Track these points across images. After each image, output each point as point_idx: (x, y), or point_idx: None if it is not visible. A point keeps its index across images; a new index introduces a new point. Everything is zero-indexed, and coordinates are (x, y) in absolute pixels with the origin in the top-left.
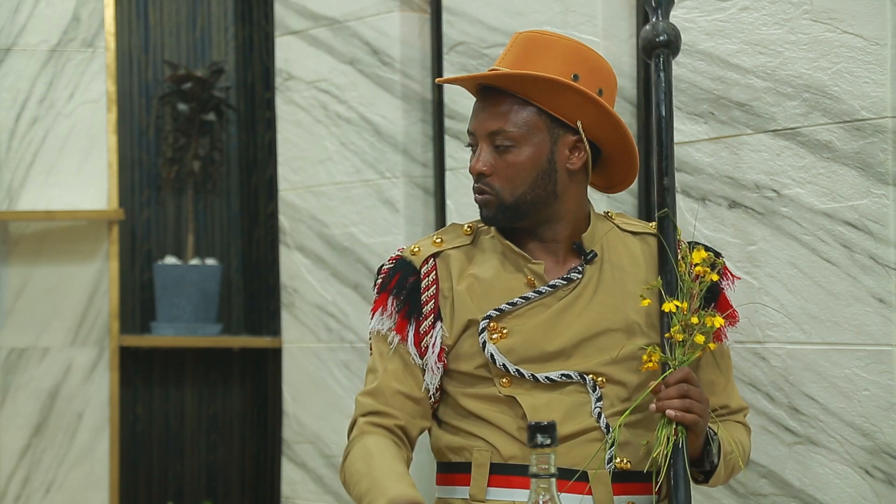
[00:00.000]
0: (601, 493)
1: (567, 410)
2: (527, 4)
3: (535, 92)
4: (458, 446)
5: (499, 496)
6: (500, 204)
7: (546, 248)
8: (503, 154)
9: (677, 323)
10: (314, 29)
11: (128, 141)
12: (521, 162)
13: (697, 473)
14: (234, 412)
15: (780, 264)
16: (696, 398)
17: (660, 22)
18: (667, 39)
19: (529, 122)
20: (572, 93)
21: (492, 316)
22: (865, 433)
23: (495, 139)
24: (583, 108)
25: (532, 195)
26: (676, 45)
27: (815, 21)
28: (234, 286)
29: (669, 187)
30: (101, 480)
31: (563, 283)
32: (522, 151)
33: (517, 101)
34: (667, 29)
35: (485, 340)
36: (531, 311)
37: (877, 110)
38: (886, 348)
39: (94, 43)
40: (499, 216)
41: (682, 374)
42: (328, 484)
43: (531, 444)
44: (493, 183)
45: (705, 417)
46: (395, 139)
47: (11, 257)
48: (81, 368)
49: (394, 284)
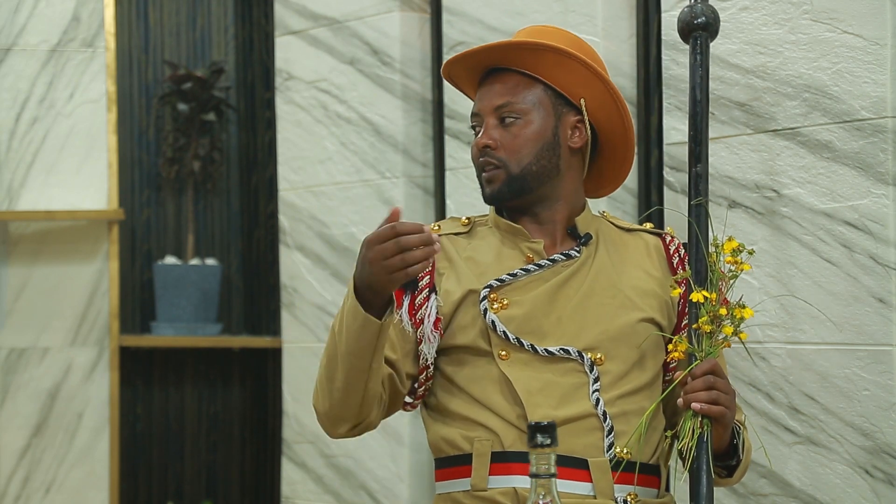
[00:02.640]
0: (602, 483)
1: (564, 393)
2: (527, 4)
3: (543, 65)
4: (456, 437)
5: (499, 484)
6: (507, 176)
7: (543, 230)
8: (509, 127)
9: (706, 314)
10: (314, 29)
11: (128, 141)
12: (527, 133)
13: (721, 469)
14: (234, 412)
15: (780, 264)
16: (723, 389)
17: (698, 3)
18: (705, 21)
19: (535, 97)
20: (580, 66)
21: (492, 286)
22: (865, 433)
23: (501, 112)
24: (588, 85)
25: (537, 166)
26: (715, 28)
27: (815, 21)
28: (234, 286)
29: (703, 174)
30: (101, 480)
31: (563, 259)
32: (529, 124)
33: (524, 78)
34: (705, 11)
35: (486, 308)
36: (531, 284)
37: (877, 110)
38: (886, 348)
39: (94, 43)
40: (504, 190)
41: (709, 366)
42: (328, 484)
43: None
44: (500, 154)
45: (732, 409)
46: (395, 139)
47: (11, 257)
48: (81, 368)
49: None
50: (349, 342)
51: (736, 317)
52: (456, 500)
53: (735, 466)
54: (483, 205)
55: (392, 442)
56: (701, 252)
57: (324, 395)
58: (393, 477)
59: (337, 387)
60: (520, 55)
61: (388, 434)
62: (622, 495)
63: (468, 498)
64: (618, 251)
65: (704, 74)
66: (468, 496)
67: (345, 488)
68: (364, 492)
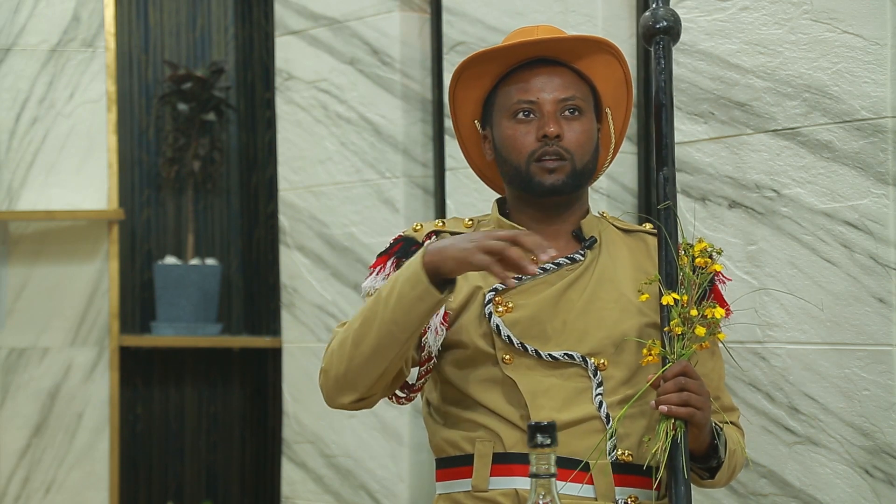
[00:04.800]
0: (603, 485)
1: (567, 397)
2: (527, 4)
3: (595, 65)
4: (458, 439)
5: (500, 485)
6: (572, 169)
7: (549, 231)
8: (572, 122)
9: (676, 316)
10: (314, 29)
11: (128, 141)
12: (588, 129)
13: (702, 471)
14: (234, 412)
15: (780, 264)
16: (695, 391)
17: (659, 8)
18: (667, 25)
19: (588, 96)
20: (621, 71)
21: (497, 289)
22: (865, 433)
23: (566, 104)
24: (619, 92)
25: (592, 165)
26: (677, 31)
27: (815, 21)
28: (234, 286)
29: (670, 178)
30: (101, 480)
31: (568, 263)
32: (585, 121)
33: (576, 76)
34: (666, 15)
35: (490, 311)
36: (536, 288)
37: (877, 110)
38: (886, 348)
39: (94, 43)
40: (569, 182)
41: (679, 368)
42: (328, 484)
43: (531, 444)
44: (569, 146)
45: (706, 410)
46: (395, 139)
47: (11, 257)
48: (81, 368)
49: (396, 250)
50: (397, 309)
51: (707, 317)
52: (456, 500)
53: (717, 468)
54: (483, 204)
55: (392, 442)
56: (671, 255)
57: (341, 358)
58: (393, 477)
59: (362, 351)
60: (576, 50)
61: (388, 434)
62: (623, 497)
63: (469, 499)
64: (620, 254)
65: (668, 78)
66: (469, 497)
67: (345, 488)
68: (364, 492)
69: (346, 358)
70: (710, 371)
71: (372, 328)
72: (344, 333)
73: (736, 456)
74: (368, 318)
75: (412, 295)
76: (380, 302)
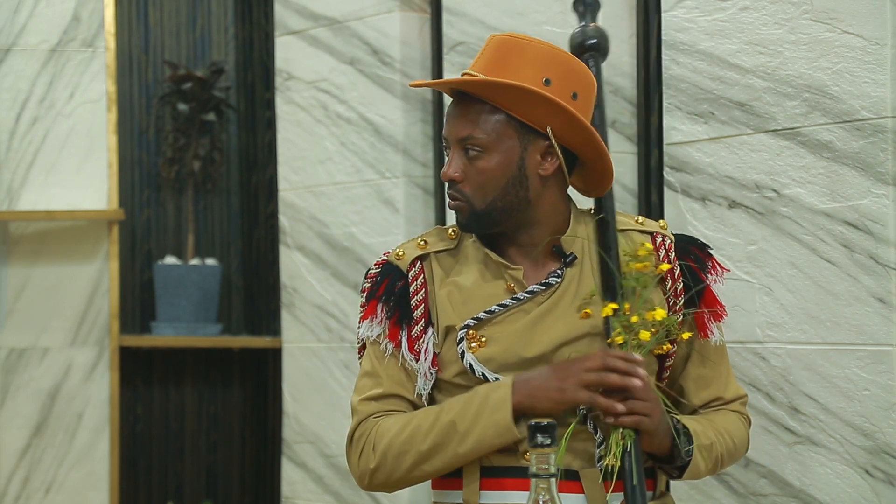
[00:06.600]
0: (593, 492)
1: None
2: (527, 4)
3: (503, 99)
4: None
5: (492, 499)
6: (471, 210)
7: (525, 252)
8: (473, 161)
9: (618, 325)
10: (314, 29)
11: (128, 141)
12: (490, 169)
13: (671, 469)
14: (234, 412)
15: (780, 264)
16: (640, 397)
17: (588, 25)
18: (596, 43)
19: (499, 128)
20: (541, 100)
21: (469, 325)
22: (865, 433)
23: (465, 144)
24: (552, 115)
25: (503, 202)
26: (605, 48)
27: (815, 21)
28: (234, 286)
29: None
30: (101, 480)
31: (542, 289)
32: (492, 158)
33: (487, 107)
34: (594, 33)
35: (463, 350)
36: (510, 318)
37: (877, 110)
38: (886, 348)
39: (94, 43)
40: (472, 223)
41: None
42: (328, 484)
43: (531, 443)
44: (465, 189)
45: (653, 415)
46: (395, 139)
47: (11, 257)
48: (81, 368)
49: (382, 291)
50: (476, 450)
51: (648, 320)
52: None
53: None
54: None
55: None
56: (609, 267)
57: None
58: None
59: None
60: (480, 89)
61: None
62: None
63: None
64: None
65: (599, 94)
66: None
67: (345, 488)
68: (364, 492)
69: (404, 470)
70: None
71: (442, 457)
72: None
73: (716, 448)
74: (439, 444)
75: (496, 442)
76: (454, 435)
